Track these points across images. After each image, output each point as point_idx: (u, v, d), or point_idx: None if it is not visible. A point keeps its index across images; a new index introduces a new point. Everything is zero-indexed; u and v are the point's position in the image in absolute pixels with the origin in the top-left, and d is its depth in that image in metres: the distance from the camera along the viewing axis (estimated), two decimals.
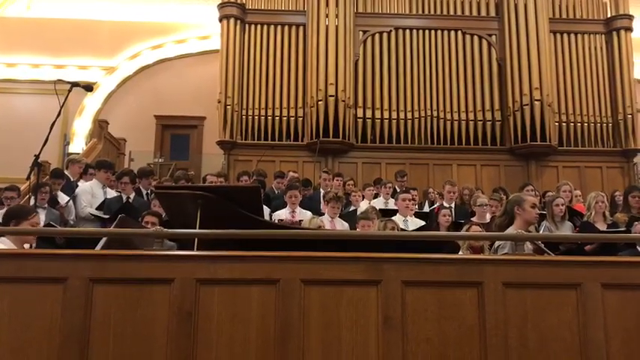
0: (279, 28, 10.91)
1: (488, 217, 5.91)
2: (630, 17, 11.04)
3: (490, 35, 10.96)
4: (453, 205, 6.67)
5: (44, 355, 2.29)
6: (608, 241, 4.72)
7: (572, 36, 11.10)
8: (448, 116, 10.53)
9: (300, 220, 5.91)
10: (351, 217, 5.97)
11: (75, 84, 4.63)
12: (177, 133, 12.32)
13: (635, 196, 5.58)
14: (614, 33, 11.02)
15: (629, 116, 10.61)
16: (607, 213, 5.53)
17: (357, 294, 2.39)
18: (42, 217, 5.10)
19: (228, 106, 10.31)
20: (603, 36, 11.14)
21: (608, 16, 11.18)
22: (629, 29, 11.01)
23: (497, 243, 3.61)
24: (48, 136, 4.33)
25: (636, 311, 2.41)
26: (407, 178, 8.41)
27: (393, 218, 5.36)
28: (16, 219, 3.43)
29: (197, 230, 3.03)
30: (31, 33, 12.06)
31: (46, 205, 5.34)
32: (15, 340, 2.30)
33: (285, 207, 6.29)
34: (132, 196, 6.01)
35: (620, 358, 2.36)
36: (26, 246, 3.61)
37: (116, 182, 6.28)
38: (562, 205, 5.39)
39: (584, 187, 9.31)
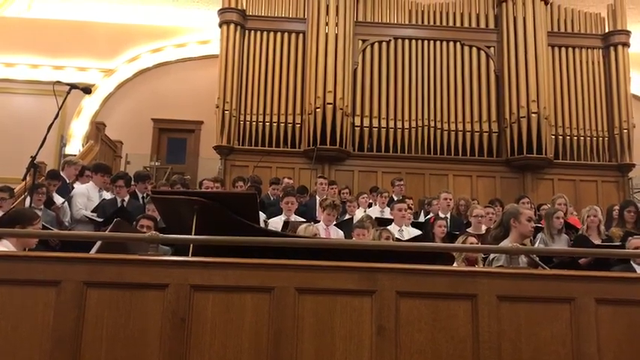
0: (278, 34, 10.94)
1: (483, 228, 5.92)
2: (628, 33, 11.11)
3: (488, 47, 11.01)
4: (448, 216, 6.67)
5: (35, 359, 2.28)
6: (602, 256, 4.73)
7: (570, 50, 11.17)
8: (445, 126, 10.56)
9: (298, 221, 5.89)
10: (346, 226, 5.96)
11: (74, 86, 4.61)
12: (174, 137, 12.33)
13: (630, 211, 5.59)
14: (612, 48, 11.09)
15: (625, 131, 10.68)
16: (602, 227, 5.55)
17: (351, 303, 2.38)
18: None
19: (226, 111, 10.31)
20: (601, 51, 11.22)
21: (606, 31, 11.26)
22: (626, 45, 11.09)
23: (492, 255, 3.62)
24: (45, 138, 4.32)
25: (629, 327, 2.42)
26: (404, 182, 8.35)
27: (388, 228, 5.37)
28: (22, 224, 3.41)
29: (192, 236, 3.02)
30: (31, 33, 12.07)
31: (42, 207, 5.32)
32: (5, 343, 2.28)
33: (281, 214, 6.29)
34: (126, 199, 6.00)
35: None
36: None
37: (111, 185, 6.27)
38: (562, 218, 5.41)
39: (579, 201, 9.35)
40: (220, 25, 10.81)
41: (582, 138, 10.77)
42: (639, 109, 11.97)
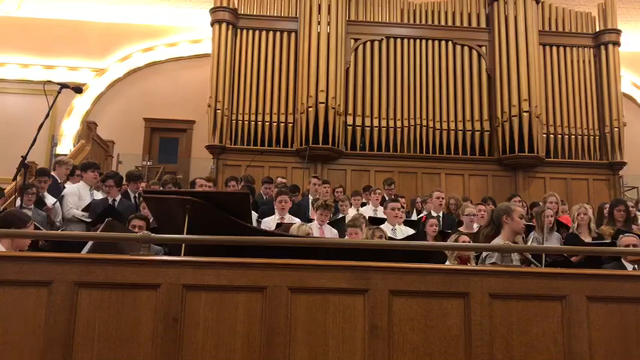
0: (270, 33, 10.92)
1: (475, 226, 5.94)
2: (618, 32, 11.19)
3: (480, 46, 11.05)
4: (440, 214, 6.69)
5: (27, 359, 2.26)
6: (593, 254, 4.76)
7: (561, 49, 11.23)
8: (437, 125, 10.59)
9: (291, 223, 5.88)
10: (339, 225, 5.96)
11: (65, 85, 4.59)
12: (166, 137, 12.29)
13: (620, 210, 5.62)
14: (602, 47, 11.17)
15: (616, 129, 10.75)
16: (592, 225, 5.58)
17: (344, 302, 2.38)
18: None
19: (218, 111, 10.29)
20: (592, 49, 11.29)
21: (597, 30, 11.33)
22: (616, 44, 11.16)
23: (484, 253, 3.63)
24: (36, 137, 4.29)
25: (620, 324, 2.43)
26: (394, 186, 8.43)
27: (381, 226, 5.37)
28: (16, 226, 3.41)
29: (184, 236, 3.01)
30: (21, 32, 11.98)
31: (32, 206, 5.29)
32: None
33: (274, 213, 6.27)
34: (117, 198, 5.98)
35: None
36: None
37: (101, 184, 6.24)
38: (551, 216, 5.43)
39: (570, 199, 9.40)
40: (212, 24, 10.78)
41: (573, 136, 10.83)
42: (630, 107, 12.08)
